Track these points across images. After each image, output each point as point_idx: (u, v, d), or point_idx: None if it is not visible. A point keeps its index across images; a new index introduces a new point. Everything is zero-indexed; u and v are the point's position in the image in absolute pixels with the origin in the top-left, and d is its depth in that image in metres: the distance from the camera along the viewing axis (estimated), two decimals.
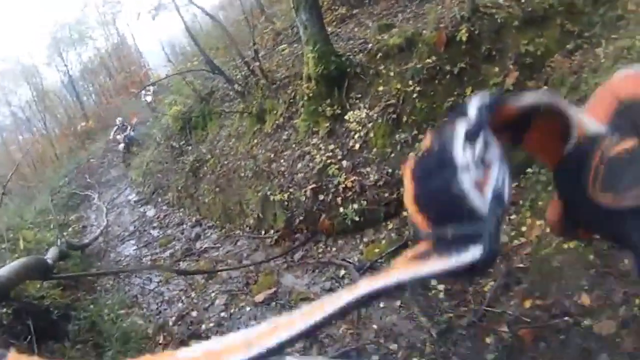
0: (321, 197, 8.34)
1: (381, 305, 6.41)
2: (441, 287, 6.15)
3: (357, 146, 8.37)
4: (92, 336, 7.06)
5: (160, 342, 7.38)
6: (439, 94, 7.94)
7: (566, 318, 4.80)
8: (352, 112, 8.69)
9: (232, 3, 26.40)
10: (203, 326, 7.63)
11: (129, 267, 11.41)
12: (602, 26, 7.24)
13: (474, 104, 0.64)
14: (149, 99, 23.57)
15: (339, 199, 8.09)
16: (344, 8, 12.65)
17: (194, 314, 8.11)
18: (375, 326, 6.12)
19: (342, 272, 7.44)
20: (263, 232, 9.63)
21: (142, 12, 12.19)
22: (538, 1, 7.97)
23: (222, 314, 7.78)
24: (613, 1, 7.39)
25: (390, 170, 7.86)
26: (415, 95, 7.99)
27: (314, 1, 9.32)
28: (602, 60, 6.46)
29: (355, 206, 7.85)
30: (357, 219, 7.84)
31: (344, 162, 8.34)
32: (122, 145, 20.93)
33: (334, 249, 8.12)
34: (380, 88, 8.58)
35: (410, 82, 8.11)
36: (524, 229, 6.05)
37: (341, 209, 8.01)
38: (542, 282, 5.35)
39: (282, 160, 9.49)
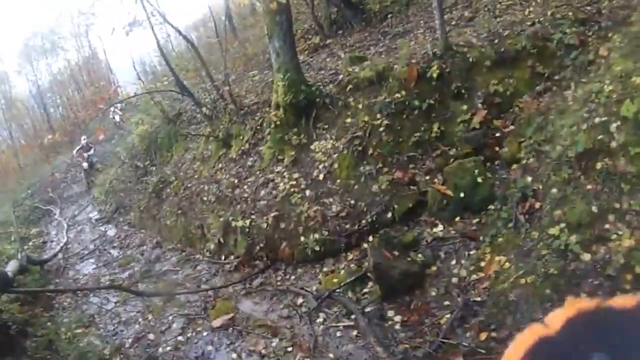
0: (283, 225, 8.36)
1: (338, 334, 6.47)
2: (397, 318, 6.24)
3: (321, 176, 8.42)
4: (50, 355, 7.02)
5: None
6: (406, 129, 8.04)
7: None
8: (318, 142, 8.79)
9: (206, 24, 26.49)
10: (160, 349, 7.54)
11: (87, 286, 11.21)
12: (573, 70, 7.39)
13: None
14: (117, 117, 23.49)
15: (300, 228, 8.11)
16: (317, 37, 12.83)
17: (151, 336, 8.01)
18: (331, 355, 6.16)
19: (300, 300, 7.45)
20: (223, 257, 9.60)
21: (116, 27, 11.98)
22: (510, 42, 8.12)
23: (179, 338, 7.70)
24: (585, 46, 7.54)
25: (352, 202, 7.89)
26: (382, 128, 8.09)
27: (288, 29, 9.41)
28: (570, 103, 6.59)
29: (317, 236, 7.87)
30: (317, 248, 7.85)
31: (307, 192, 8.39)
32: (85, 164, 20.44)
33: (293, 277, 8.14)
34: (348, 120, 8.67)
35: (379, 116, 8.23)
36: (482, 264, 6.14)
37: (302, 238, 8.02)
38: (498, 315, 5.43)
39: (245, 187, 9.50)
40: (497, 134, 7.45)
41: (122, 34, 12.23)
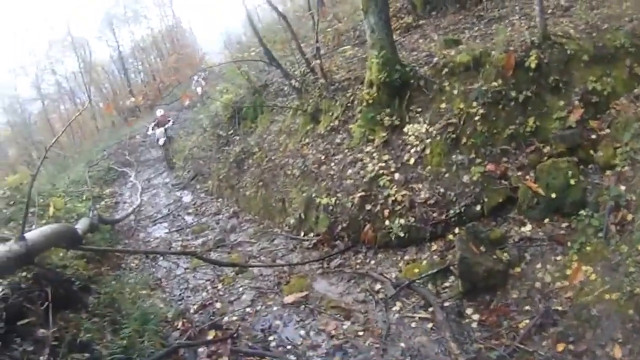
0: (368, 206, 8.22)
1: (412, 325, 6.37)
2: (475, 316, 6.12)
3: (412, 161, 8.26)
4: (111, 312, 7.01)
5: (179, 327, 7.31)
6: (501, 120, 7.79)
7: None
8: (411, 125, 8.60)
9: None
10: (225, 318, 7.54)
11: (158, 249, 11.37)
12: None
13: None
14: (199, 90, 23.46)
15: (386, 212, 7.97)
16: (410, 17, 12.57)
17: (218, 305, 8.04)
18: (403, 344, 6.05)
19: (378, 286, 7.35)
20: (302, 233, 9.56)
21: None
22: (609, 37, 7.85)
23: (248, 309, 7.70)
24: None
25: (442, 190, 7.71)
26: (477, 117, 7.84)
27: (383, 5, 9.19)
28: None
29: (402, 221, 7.73)
30: (401, 234, 7.71)
31: (397, 175, 8.23)
32: (162, 140, 19.84)
33: (372, 261, 8.02)
34: (443, 105, 8.45)
35: (474, 104, 7.97)
36: (568, 272, 5.94)
37: (387, 222, 7.89)
38: (578, 328, 5.28)
39: (332, 164, 9.42)
40: (593, 136, 7.15)
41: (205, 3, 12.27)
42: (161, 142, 19.72)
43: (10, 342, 5.24)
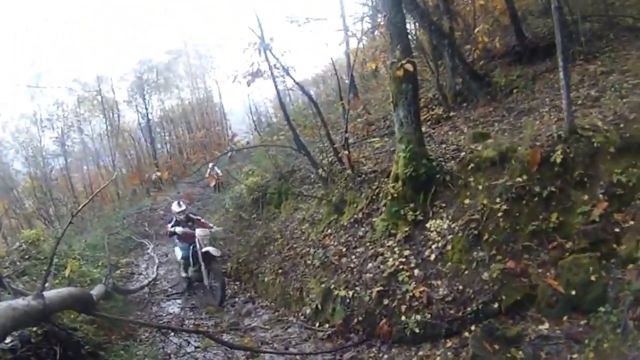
0: (386, 301, 8.40)
1: None
2: None
3: (432, 257, 8.45)
4: None
5: None
6: (523, 216, 7.90)
7: None
8: (434, 220, 8.86)
9: (325, 81, 27.11)
10: None
11: (171, 325, 11.48)
12: None
13: None
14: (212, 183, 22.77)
15: (403, 307, 8.12)
16: (440, 109, 12.98)
17: None
18: None
19: None
20: (318, 324, 9.66)
21: (237, 75, 12.47)
22: (637, 127, 7.88)
23: None
24: None
25: (460, 287, 7.84)
26: (500, 213, 8.00)
27: (413, 98, 9.57)
28: None
29: (419, 317, 7.84)
30: (417, 330, 7.81)
31: (416, 271, 8.42)
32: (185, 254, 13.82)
33: (386, 356, 8.06)
34: (467, 201, 8.68)
35: (498, 200, 8.15)
36: None
37: (403, 317, 8.02)
38: None
39: (353, 256, 9.64)
40: (617, 229, 7.13)
41: (242, 82, 12.73)
42: (213, 250, 12.95)
43: None
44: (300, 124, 15.96)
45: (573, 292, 6.74)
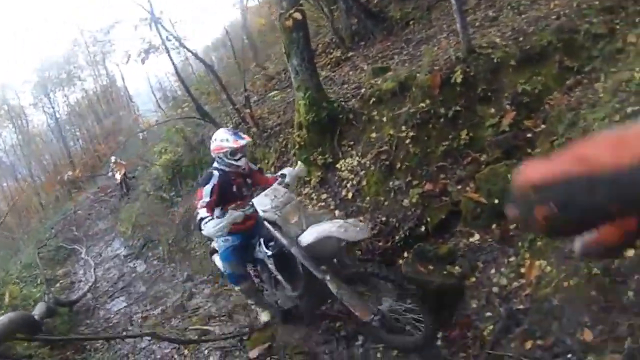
0: None
1: (378, 355, 6.58)
2: (439, 334, 6.25)
3: (349, 195, 8.60)
4: None
5: None
6: (433, 139, 8.05)
7: (569, 356, 4.90)
8: (344, 160, 9.01)
9: (225, 44, 26.81)
10: None
11: (117, 333, 11.26)
12: (602, 60, 7.38)
13: None
14: (117, 176, 23.86)
15: None
16: (339, 51, 13.05)
17: None
18: None
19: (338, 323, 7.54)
20: None
21: (131, 54, 12.29)
22: (536, 38, 8.11)
23: None
24: (614, 34, 7.56)
25: (384, 219, 7.97)
26: (408, 140, 8.14)
27: (305, 46, 9.64)
28: (601, 95, 6.62)
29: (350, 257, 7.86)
30: None
31: (337, 212, 8.54)
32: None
33: None
34: (373, 135, 8.82)
35: (404, 128, 8.28)
36: (522, 270, 6.12)
37: None
38: (542, 322, 5.41)
39: None
40: (529, 135, 7.39)
41: (137, 61, 12.59)
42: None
43: None
44: (204, 91, 15.86)
45: (496, 201, 6.88)
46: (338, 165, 9.06)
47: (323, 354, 7.20)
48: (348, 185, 8.77)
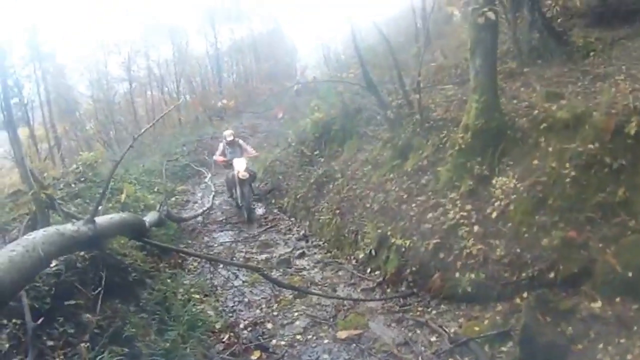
0: (441, 255, 8.31)
1: None
2: None
3: (494, 215, 8.25)
4: (160, 311, 7.29)
5: (224, 340, 7.54)
6: (591, 187, 7.56)
7: None
8: (500, 177, 8.66)
9: (397, 22, 26.55)
10: (274, 341, 7.76)
11: (221, 257, 11.69)
12: None
13: None
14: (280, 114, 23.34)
15: (458, 263, 8.03)
16: (514, 63, 12.59)
17: (269, 325, 8.26)
18: None
19: (434, 338, 7.41)
20: (369, 269, 9.76)
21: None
22: None
23: (298, 337, 7.88)
24: None
25: (518, 251, 7.64)
26: (568, 179, 7.70)
27: (491, 48, 9.31)
28: None
29: (472, 276, 7.75)
30: (469, 289, 7.74)
31: (476, 227, 8.26)
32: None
33: (434, 311, 8.07)
34: (535, 161, 8.40)
35: (567, 165, 7.85)
36: (629, 357, 5.87)
37: (457, 274, 7.95)
38: None
39: (413, 205, 9.52)
40: None
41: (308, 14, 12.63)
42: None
43: (52, 320, 5.49)
44: (369, 62, 15.70)
45: (630, 274, 6.52)
46: (493, 181, 8.70)
47: None
48: (496, 204, 8.38)
